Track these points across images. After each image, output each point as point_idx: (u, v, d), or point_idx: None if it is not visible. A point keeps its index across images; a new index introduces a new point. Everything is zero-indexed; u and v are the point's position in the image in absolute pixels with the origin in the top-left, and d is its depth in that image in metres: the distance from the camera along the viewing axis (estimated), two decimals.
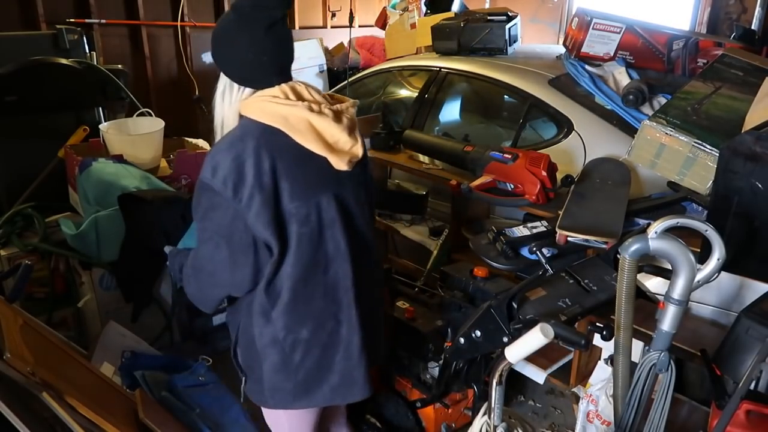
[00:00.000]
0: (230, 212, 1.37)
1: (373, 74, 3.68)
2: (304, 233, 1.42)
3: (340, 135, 1.43)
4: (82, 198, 2.65)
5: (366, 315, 1.55)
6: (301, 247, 1.43)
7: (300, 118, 1.39)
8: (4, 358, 1.53)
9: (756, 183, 1.61)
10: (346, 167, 1.45)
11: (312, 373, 1.53)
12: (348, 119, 1.46)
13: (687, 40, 2.84)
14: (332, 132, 1.42)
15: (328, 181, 1.45)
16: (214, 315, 2.80)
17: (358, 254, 1.51)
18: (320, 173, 1.43)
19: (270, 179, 1.36)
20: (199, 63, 5.44)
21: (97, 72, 3.18)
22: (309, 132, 1.40)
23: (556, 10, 6.16)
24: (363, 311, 1.54)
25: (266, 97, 1.41)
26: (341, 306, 1.51)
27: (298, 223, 1.41)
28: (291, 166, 1.39)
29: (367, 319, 1.56)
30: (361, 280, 1.53)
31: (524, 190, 2.20)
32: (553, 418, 2.56)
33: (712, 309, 1.78)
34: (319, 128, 1.41)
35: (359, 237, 1.53)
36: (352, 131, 1.46)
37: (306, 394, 1.54)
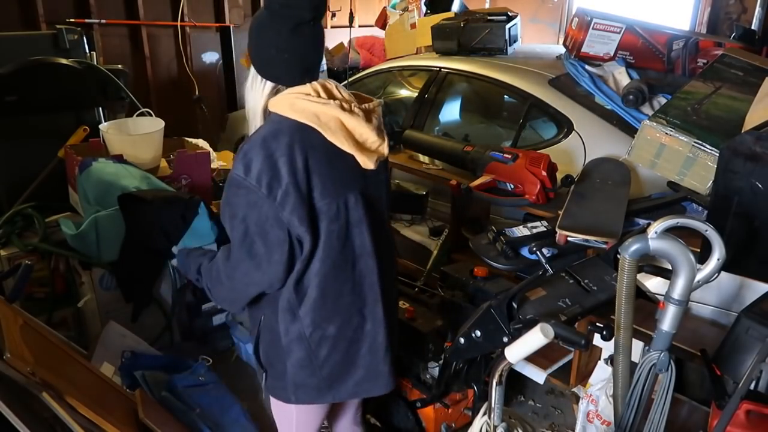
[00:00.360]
0: (264, 209, 1.39)
1: (373, 74, 3.68)
2: (333, 230, 1.45)
3: (369, 134, 1.45)
4: (82, 198, 2.64)
5: (389, 310, 1.59)
6: (330, 243, 1.45)
7: (331, 116, 1.41)
8: (4, 358, 1.53)
9: (756, 183, 1.61)
10: (372, 166, 1.47)
11: (337, 368, 1.54)
12: (376, 118, 1.48)
13: (687, 40, 2.84)
14: (362, 131, 1.44)
15: (356, 178, 1.48)
16: (214, 315, 2.80)
17: (382, 250, 1.54)
18: (349, 171, 1.46)
19: (303, 176, 1.38)
20: (199, 63, 5.44)
21: (97, 72, 3.18)
22: (340, 130, 1.42)
23: (556, 10, 6.16)
24: (387, 306, 1.57)
25: (298, 94, 1.42)
26: (366, 302, 1.54)
27: (327, 220, 1.44)
28: (322, 164, 1.41)
29: (389, 314, 1.59)
30: (385, 276, 1.56)
31: (524, 190, 2.21)
32: (553, 418, 2.56)
33: (712, 309, 1.78)
34: (350, 127, 1.43)
35: (383, 234, 1.57)
36: (380, 130, 1.48)
37: (330, 389, 1.56)
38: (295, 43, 1.40)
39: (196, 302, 2.84)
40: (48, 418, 1.60)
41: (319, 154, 1.41)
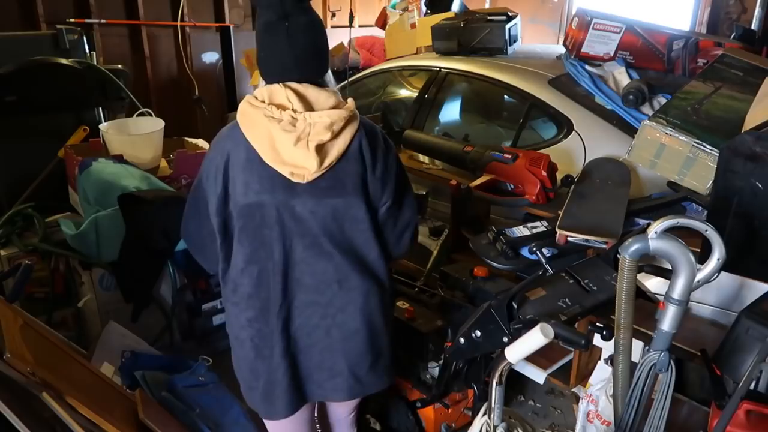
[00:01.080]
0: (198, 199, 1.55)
1: (373, 74, 3.68)
2: (242, 232, 1.48)
3: (291, 149, 1.41)
4: (82, 198, 2.64)
5: (302, 333, 1.54)
6: (239, 244, 1.50)
7: (258, 122, 1.43)
8: (4, 358, 1.53)
9: (756, 183, 1.61)
10: (294, 179, 1.43)
11: (249, 375, 1.61)
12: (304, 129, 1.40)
13: (687, 40, 2.84)
14: (283, 143, 1.41)
15: (275, 187, 1.44)
16: (214, 315, 2.80)
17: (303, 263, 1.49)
18: (267, 178, 1.44)
19: (222, 177, 1.46)
20: (199, 63, 5.44)
21: (97, 72, 3.18)
22: (263, 137, 1.42)
23: (556, 10, 6.16)
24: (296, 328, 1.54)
25: (250, 97, 1.47)
26: (269, 317, 1.52)
27: (239, 221, 1.48)
28: (240, 166, 1.45)
29: (303, 338, 1.54)
30: (299, 293, 1.51)
31: (524, 190, 2.21)
32: (553, 418, 2.56)
33: (712, 309, 1.78)
34: (273, 135, 1.41)
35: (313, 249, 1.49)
36: (303, 142, 1.40)
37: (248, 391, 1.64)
38: (266, 41, 1.44)
39: (196, 302, 2.84)
40: (48, 418, 1.60)
41: (243, 155, 1.44)
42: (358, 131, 1.48)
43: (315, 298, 1.51)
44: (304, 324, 1.53)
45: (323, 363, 1.57)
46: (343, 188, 1.47)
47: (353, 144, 1.47)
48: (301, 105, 1.42)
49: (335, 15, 6.22)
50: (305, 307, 1.52)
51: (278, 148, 1.41)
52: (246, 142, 1.44)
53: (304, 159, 1.41)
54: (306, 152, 1.40)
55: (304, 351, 1.56)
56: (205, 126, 5.16)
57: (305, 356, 1.56)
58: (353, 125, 1.47)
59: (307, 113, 1.41)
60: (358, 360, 1.58)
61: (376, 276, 1.56)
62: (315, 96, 1.44)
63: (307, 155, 1.41)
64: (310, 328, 1.53)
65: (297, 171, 1.42)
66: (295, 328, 1.53)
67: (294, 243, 1.48)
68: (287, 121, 1.39)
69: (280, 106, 1.41)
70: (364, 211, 1.50)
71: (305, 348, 1.55)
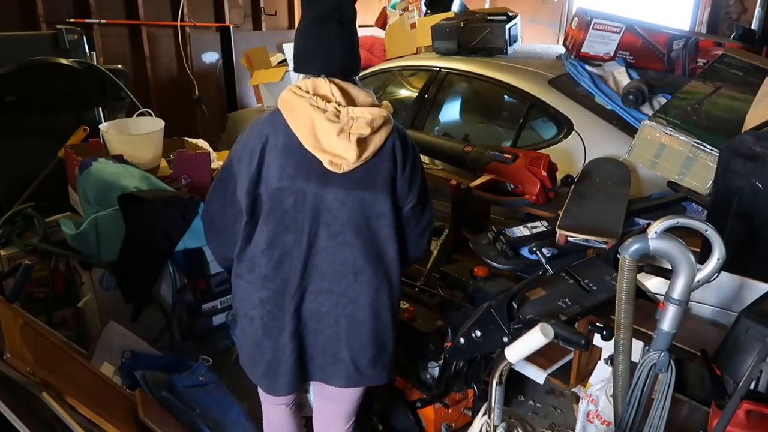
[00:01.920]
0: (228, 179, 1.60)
1: (373, 74, 3.68)
2: (269, 215, 1.52)
3: (332, 138, 1.46)
4: (82, 198, 2.64)
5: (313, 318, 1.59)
6: (265, 226, 1.53)
7: (302, 110, 1.47)
8: (4, 358, 1.53)
9: (756, 183, 1.60)
10: (330, 167, 1.48)
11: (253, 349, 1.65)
12: (348, 121, 1.46)
13: (687, 40, 2.84)
14: (325, 132, 1.46)
15: (311, 174, 1.50)
16: (214, 315, 2.80)
17: (322, 260, 1.54)
18: (304, 164, 1.49)
19: (257, 159, 1.50)
20: (199, 63, 5.44)
21: (97, 72, 3.18)
22: (306, 125, 1.47)
23: (556, 10, 6.16)
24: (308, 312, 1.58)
25: (293, 86, 1.51)
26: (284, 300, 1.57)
27: (269, 203, 1.52)
28: (280, 152, 1.49)
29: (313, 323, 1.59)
30: (317, 279, 1.56)
31: (524, 190, 2.21)
32: (553, 418, 2.56)
33: (712, 309, 1.78)
34: (316, 124, 1.47)
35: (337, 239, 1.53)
36: (345, 134, 1.46)
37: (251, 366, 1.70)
38: (312, 33, 1.50)
39: (196, 302, 2.84)
40: (48, 418, 1.60)
41: (282, 140, 1.49)
42: (392, 132, 1.55)
43: (330, 287, 1.56)
44: (316, 310, 1.58)
45: (328, 348, 1.62)
46: (373, 183, 1.52)
47: (387, 143, 1.53)
48: (343, 99, 1.48)
49: None
50: (319, 293, 1.57)
51: (319, 137, 1.47)
52: (286, 127, 1.49)
53: (344, 150, 1.46)
54: (347, 144, 1.46)
55: (312, 335, 1.60)
56: (205, 126, 5.16)
57: (312, 340, 1.61)
58: (389, 125, 1.54)
59: (350, 107, 1.47)
60: (361, 351, 1.62)
61: (390, 273, 1.61)
62: (356, 93, 1.51)
63: (347, 146, 1.46)
64: (321, 314, 1.58)
65: (336, 160, 1.48)
66: (306, 313, 1.58)
67: (320, 230, 1.52)
68: (332, 112, 1.45)
69: (324, 97, 1.47)
70: (389, 207, 1.55)
71: (313, 332, 1.60)
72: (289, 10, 6.01)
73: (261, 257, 1.55)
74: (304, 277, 1.55)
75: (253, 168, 1.50)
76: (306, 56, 1.52)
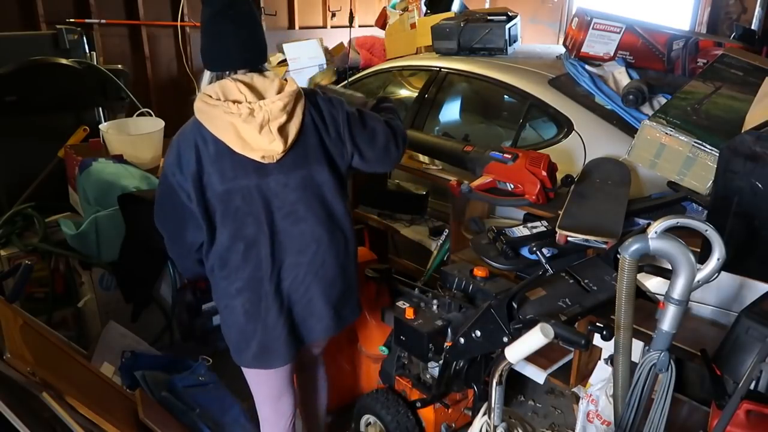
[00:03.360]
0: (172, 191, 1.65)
1: (373, 74, 3.68)
2: (225, 213, 1.63)
3: (252, 133, 1.56)
4: (82, 198, 2.65)
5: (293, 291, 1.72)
6: (223, 224, 1.64)
7: (219, 118, 1.56)
8: (4, 358, 1.53)
9: (756, 183, 1.60)
10: (258, 158, 1.59)
11: (239, 337, 1.75)
12: (264, 116, 1.55)
13: (687, 40, 2.84)
14: (245, 130, 1.56)
15: (248, 171, 1.60)
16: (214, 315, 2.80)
17: (285, 232, 1.67)
18: (240, 163, 1.60)
19: (195, 168, 1.59)
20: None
21: (97, 72, 3.18)
22: (227, 129, 1.57)
23: (556, 10, 6.17)
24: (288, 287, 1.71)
25: (202, 95, 1.59)
26: (262, 285, 1.68)
27: (221, 205, 1.62)
28: (212, 157, 1.59)
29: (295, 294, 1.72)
30: (287, 256, 1.68)
31: (524, 190, 2.20)
32: (553, 418, 2.56)
33: (712, 309, 1.78)
34: (237, 127, 1.56)
35: (291, 218, 1.67)
36: (266, 128, 1.56)
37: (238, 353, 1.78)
38: (212, 31, 1.59)
39: (196, 302, 2.84)
40: (48, 418, 1.60)
41: (212, 148, 1.59)
42: (306, 107, 1.65)
43: (299, 260, 1.70)
44: (293, 282, 1.71)
45: (313, 311, 1.76)
46: (307, 159, 1.66)
47: (306, 119, 1.65)
48: (253, 96, 1.57)
49: (335, 15, 6.21)
50: (292, 268, 1.70)
51: (245, 137, 1.56)
52: (212, 136, 1.58)
53: (271, 142, 1.57)
54: (271, 136, 1.57)
55: (296, 304, 1.74)
56: None
57: (297, 309, 1.74)
58: (301, 102, 1.64)
59: (261, 102, 1.56)
60: (337, 302, 1.80)
61: (344, 229, 1.77)
62: (262, 84, 1.60)
63: (272, 139, 1.57)
64: (297, 284, 1.72)
65: (267, 154, 1.59)
66: (286, 288, 1.71)
67: (274, 215, 1.65)
68: (246, 113, 1.54)
69: (235, 101, 1.56)
70: (327, 173, 1.69)
71: (296, 302, 1.74)
72: (289, 10, 6.01)
73: (228, 252, 1.66)
74: (276, 259, 1.67)
75: (194, 178, 1.59)
76: (208, 56, 1.62)
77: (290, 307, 1.73)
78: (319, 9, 6.26)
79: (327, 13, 6.23)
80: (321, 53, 5.07)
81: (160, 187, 1.71)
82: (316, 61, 4.97)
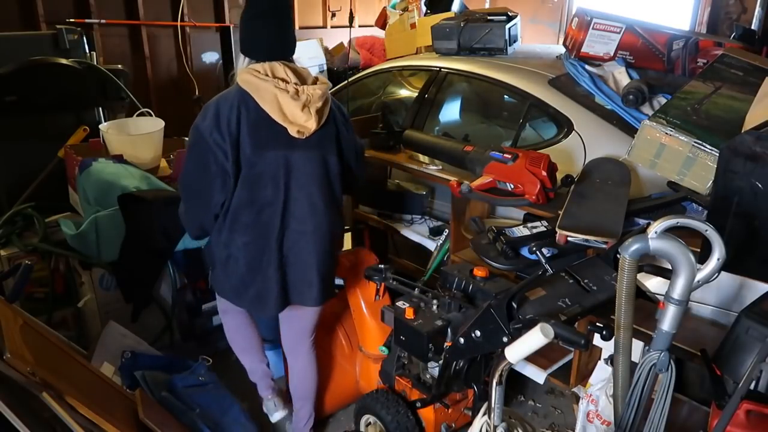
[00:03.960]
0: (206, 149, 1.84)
1: (373, 74, 3.68)
2: (249, 174, 1.86)
3: (295, 110, 1.83)
4: (82, 198, 2.65)
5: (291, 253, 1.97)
6: (244, 184, 1.87)
7: (266, 90, 1.82)
8: (4, 358, 1.53)
9: (756, 183, 1.60)
10: (295, 134, 1.86)
11: (239, 283, 2.00)
12: (307, 98, 1.84)
13: (687, 40, 2.84)
14: (289, 106, 1.83)
15: (280, 141, 1.86)
16: (214, 315, 2.80)
17: (296, 208, 1.93)
18: (274, 134, 1.85)
19: (236, 129, 1.82)
20: (199, 63, 5.45)
21: (97, 72, 3.18)
22: (272, 102, 1.83)
23: (556, 10, 6.17)
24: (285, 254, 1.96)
25: (251, 70, 1.85)
26: (269, 242, 1.93)
27: (248, 165, 1.85)
28: (252, 123, 1.83)
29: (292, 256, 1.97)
30: (293, 222, 1.94)
31: (524, 190, 2.20)
32: (553, 418, 2.56)
33: (712, 309, 1.78)
34: (280, 101, 1.83)
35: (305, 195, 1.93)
36: (308, 110, 1.85)
37: (237, 296, 2.05)
38: (258, 26, 1.88)
39: (196, 302, 2.84)
40: (48, 418, 1.60)
41: (253, 115, 1.83)
42: (331, 100, 1.97)
43: (303, 228, 1.95)
44: (293, 246, 1.97)
45: (304, 276, 2.00)
46: (327, 143, 1.95)
47: (332, 112, 1.96)
48: (296, 79, 1.87)
49: (335, 15, 6.21)
50: (295, 233, 1.95)
51: (286, 112, 1.84)
52: (255, 105, 1.84)
53: (307, 120, 1.86)
54: (309, 116, 1.86)
55: (291, 266, 1.99)
56: None
57: (291, 270, 1.99)
58: (329, 96, 1.95)
59: (305, 86, 1.86)
60: (326, 272, 2.05)
61: (339, 205, 2.07)
62: (303, 73, 1.91)
63: (309, 118, 1.86)
64: (297, 249, 1.97)
65: (302, 129, 1.86)
66: (286, 249, 1.97)
67: (291, 184, 1.91)
68: (293, 92, 1.83)
69: (282, 79, 1.84)
70: (336, 159, 1.99)
71: (292, 264, 1.99)
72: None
73: (243, 209, 1.90)
74: (284, 222, 1.93)
75: (232, 138, 1.82)
76: (254, 44, 1.90)
77: (285, 268, 1.97)
78: (319, 9, 6.26)
79: (327, 13, 6.23)
80: (321, 53, 5.08)
81: (194, 148, 1.88)
82: (316, 61, 4.97)
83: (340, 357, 2.45)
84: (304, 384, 2.29)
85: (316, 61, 4.93)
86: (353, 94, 3.51)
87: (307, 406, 2.31)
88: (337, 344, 2.46)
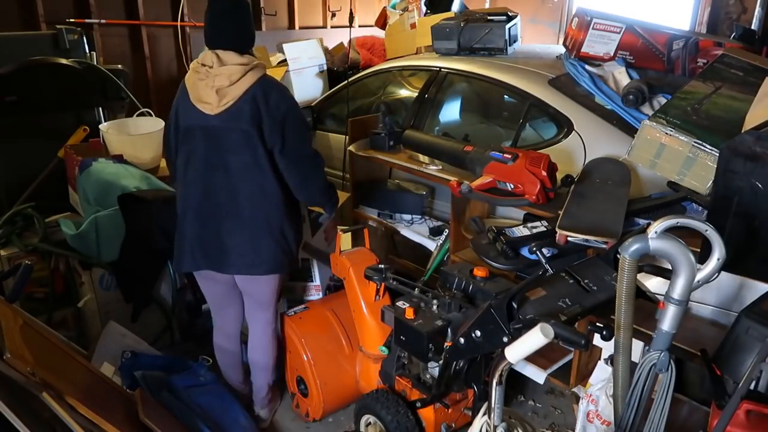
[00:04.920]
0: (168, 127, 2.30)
1: (373, 74, 3.68)
2: (182, 147, 2.17)
3: (204, 91, 2.08)
4: (82, 198, 2.65)
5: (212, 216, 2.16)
6: (180, 155, 2.17)
7: (189, 75, 2.15)
8: (4, 358, 1.53)
9: (756, 183, 1.60)
10: (207, 111, 2.08)
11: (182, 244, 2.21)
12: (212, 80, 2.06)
13: (687, 40, 2.84)
14: (199, 89, 2.09)
15: (198, 119, 2.11)
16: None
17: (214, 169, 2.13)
18: (196, 112, 2.11)
19: (174, 110, 2.20)
20: None
21: (97, 72, 3.18)
22: (192, 86, 2.12)
23: (556, 10, 6.16)
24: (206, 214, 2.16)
25: (196, 59, 2.16)
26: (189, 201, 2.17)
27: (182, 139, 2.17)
28: (182, 104, 2.16)
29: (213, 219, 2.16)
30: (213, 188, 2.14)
31: (524, 190, 2.20)
32: (553, 418, 2.56)
33: (712, 309, 1.78)
34: (195, 84, 2.10)
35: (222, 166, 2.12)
36: (216, 92, 2.05)
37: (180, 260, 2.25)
38: (207, 18, 2.16)
39: (196, 302, 2.84)
40: (48, 418, 1.60)
41: (183, 95, 2.16)
42: (256, 82, 2.08)
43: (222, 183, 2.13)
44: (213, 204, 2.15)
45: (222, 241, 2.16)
46: (238, 119, 2.08)
47: (250, 91, 2.07)
48: (218, 64, 2.07)
49: (335, 15, 6.21)
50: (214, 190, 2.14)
51: (197, 91, 2.10)
52: (184, 87, 2.16)
53: (208, 97, 2.08)
54: (211, 92, 2.07)
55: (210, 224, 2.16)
56: None
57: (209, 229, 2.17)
58: (252, 77, 2.08)
59: (214, 69, 2.07)
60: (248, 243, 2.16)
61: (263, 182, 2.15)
62: (228, 58, 2.08)
63: (210, 94, 2.07)
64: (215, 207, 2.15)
65: (206, 106, 2.09)
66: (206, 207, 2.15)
67: (209, 148, 2.12)
68: (203, 74, 2.09)
69: (204, 65, 2.10)
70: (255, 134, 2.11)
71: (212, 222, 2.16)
72: (289, 10, 6.01)
73: (180, 165, 2.18)
74: (205, 177, 2.14)
75: (175, 114, 2.19)
76: (205, 34, 2.16)
77: (203, 221, 2.16)
78: (319, 9, 6.26)
79: (327, 13, 6.23)
80: (321, 53, 5.06)
81: (167, 123, 2.30)
82: (316, 61, 4.96)
83: (340, 357, 2.45)
84: (256, 352, 2.41)
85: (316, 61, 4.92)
86: (353, 94, 3.51)
87: (261, 375, 2.42)
88: (337, 344, 2.46)
